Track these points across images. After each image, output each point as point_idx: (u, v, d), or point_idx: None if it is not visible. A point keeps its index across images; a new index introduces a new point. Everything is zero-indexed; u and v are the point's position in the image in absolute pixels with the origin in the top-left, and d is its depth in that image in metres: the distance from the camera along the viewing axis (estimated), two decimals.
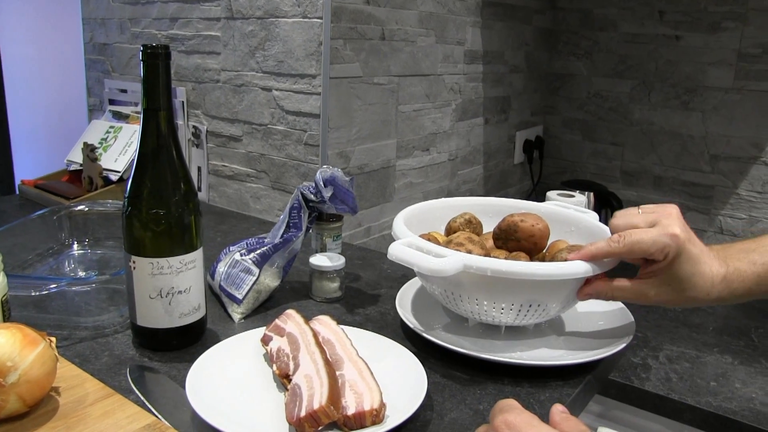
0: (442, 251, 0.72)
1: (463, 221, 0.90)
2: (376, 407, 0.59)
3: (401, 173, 1.56)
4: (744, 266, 0.71)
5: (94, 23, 1.76)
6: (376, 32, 1.38)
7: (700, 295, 0.70)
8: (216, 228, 1.33)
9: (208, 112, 1.51)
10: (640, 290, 0.72)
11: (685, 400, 0.96)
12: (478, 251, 0.77)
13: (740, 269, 0.71)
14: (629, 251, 0.70)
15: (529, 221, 0.84)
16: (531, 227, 0.83)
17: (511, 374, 0.75)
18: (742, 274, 0.71)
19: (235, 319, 0.87)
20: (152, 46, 0.70)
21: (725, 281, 0.70)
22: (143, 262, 0.72)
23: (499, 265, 0.70)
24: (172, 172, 0.73)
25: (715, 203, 1.93)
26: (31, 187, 1.49)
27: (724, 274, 0.70)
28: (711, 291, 0.70)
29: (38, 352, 0.60)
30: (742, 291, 0.71)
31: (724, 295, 0.71)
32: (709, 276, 0.70)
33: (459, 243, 0.79)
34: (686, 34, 1.89)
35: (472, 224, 0.90)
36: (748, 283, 0.71)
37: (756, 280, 0.71)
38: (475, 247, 0.78)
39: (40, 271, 0.99)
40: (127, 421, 0.61)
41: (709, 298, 0.71)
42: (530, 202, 0.99)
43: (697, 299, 0.71)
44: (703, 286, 0.70)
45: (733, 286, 0.70)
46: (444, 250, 0.72)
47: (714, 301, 0.71)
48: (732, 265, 0.71)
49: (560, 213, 0.95)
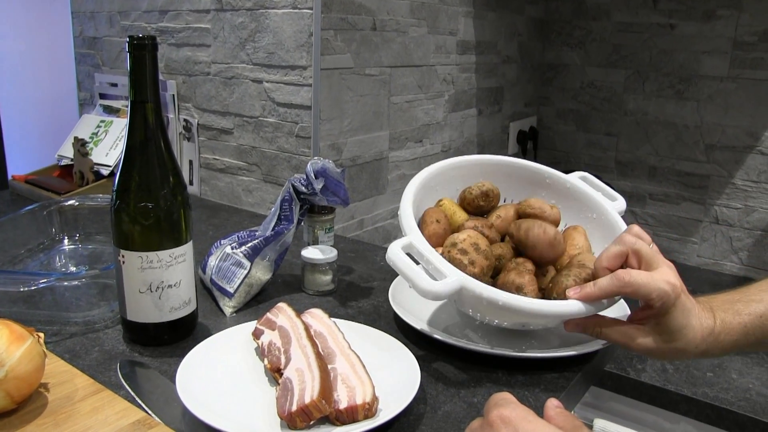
0: (441, 266, 0.68)
1: (479, 193, 0.85)
2: (369, 401, 0.59)
3: (394, 165, 1.55)
4: (729, 317, 0.70)
5: (84, 17, 1.74)
6: (367, 23, 1.36)
7: (688, 347, 0.69)
8: (208, 221, 1.32)
9: (198, 105, 1.49)
10: (628, 334, 0.71)
11: (681, 391, 0.96)
12: (481, 262, 0.73)
13: (726, 321, 0.69)
14: (634, 293, 0.68)
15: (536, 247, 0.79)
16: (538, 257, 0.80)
17: (505, 367, 0.74)
18: (728, 325, 0.69)
19: (226, 313, 0.86)
20: (139, 37, 0.69)
21: (713, 335, 0.69)
22: (132, 256, 0.71)
23: (496, 297, 0.67)
24: (161, 164, 0.72)
25: (710, 193, 1.93)
26: (22, 183, 1.48)
27: (712, 328, 0.69)
28: (699, 344, 0.69)
29: (26, 348, 0.59)
30: (728, 344, 0.70)
31: (711, 349, 0.69)
32: (699, 329, 0.68)
33: (463, 250, 0.74)
34: (680, 22, 1.89)
35: (489, 198, 0.85)
36: (734, 335, 0.70)
37: (742, 331, 0.70)
38: (479, 257, 0.74)
39: (30, 266, 0.98)
40: (117, 417, 0.60)
41: (696, 351, 0.69)
42: (554, 171, 0.91)
43: (684, 351, 0.69)
44: (692, 339, 0.68)
45: (720, 338, 0.69)
46: (443, 265, 0.68)
47: (700, 354, 0.70)
48: (719, 317, 0.70)
49: (586, 194, 0.88)
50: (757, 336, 0.70)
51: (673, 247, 2.00)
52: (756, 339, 0.70)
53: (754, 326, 0.70)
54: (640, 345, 0.70)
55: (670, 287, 0.66)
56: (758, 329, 0.69)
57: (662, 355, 0.71)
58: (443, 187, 0.89)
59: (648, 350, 0.70)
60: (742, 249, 1.89)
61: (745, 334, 0.69)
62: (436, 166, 0.88)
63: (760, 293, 0.72)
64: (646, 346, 0.70)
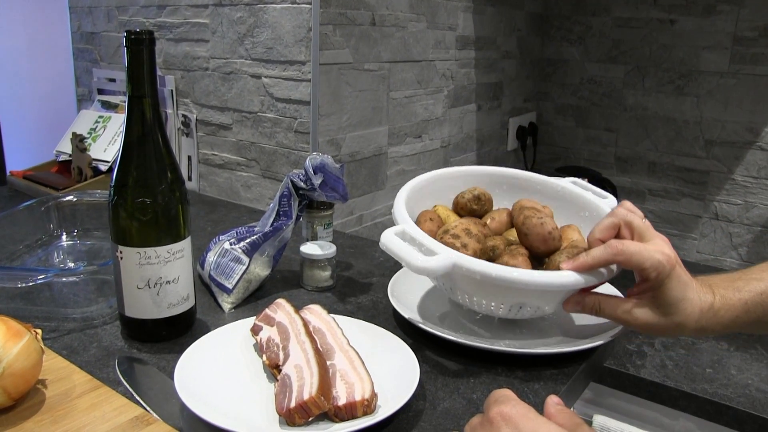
0: (434, 246, 0.69)
1: (471, 197, 0.86)
2: (368, 397, 0.59)
3: (393, 160, 1.55)
4: (730, 294, 0.70)
5: (81, 12, 1.73)
6: (366, 18, 1.36)
7: (687, 321, 0.68)
8: (206, 217, 1.31)
9: (197, 101, 1.49)
10: (626, 309, 0.70)
11: (681, 387, 0.96)
12: (474, 246, 0.75)
13: (726, 296, 0.69)
14: (627, 261, 0.68)
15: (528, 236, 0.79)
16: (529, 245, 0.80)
17: (505, 363, 0.74)
18: (728, 301, 0.69)
19: (225, 309, 0.86)
20: (136, 31, 0.69)
21: (712, 309, 0.69)
22: (130, 252, 0.71)
23: (489, 270, 0.68)
24: (158, 160, 0.72)
25: (710, 189, 1.93)
26: (20, 178, 1.48)
27: (712, 302, 0.69)
28: (699, 319, 0.68)
29: (23, 345, 0.59)
30: (728, 320, 0.69)
31: (711, 325, 0.69)
32: (697, 303, 0.68)
33: (455, 235, 0.76)
34: (680, 17, 1.88)
35: (481, 201, 0.86)
36: (734, 311, 0.69)
37: (743, 307, 0.69)
38: (471, 241, 0.75)
39: (28, 262, 0.98)
40: (115, 413, 0.60)
41: (696, 326, 0.69)
42: (546, 177, 0.93)
43: (683, 326, 0.69)
44: (691, 313, 0.68)
45: (720, 314, 0.69)
46: (436, 245, 0.69)
47: (699, 330, 0.70)
48: (718, 293, 0.70)
49: (577, 195, 0.90)
50: (758, 314, 0.70)
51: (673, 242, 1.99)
52: (756, 317, 0.70)
53: (755, 303, 0.69)
54: (639, 320, 0.70)
55: (664, 257, 0.67)
56: (759, 306, 0.69)
57: (661, 331, 0.70)
58: (435, 197, 0.90)
59: (647, 325, 0.70)
60: (742, 245, 1.89)
61: (746, 311, 0.69)
62: (427, 174, 0.90)
63: (760, 272, 0.72)
64: (645, 320, 0.70)
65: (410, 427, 0.62)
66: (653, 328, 0.70)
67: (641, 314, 0.69)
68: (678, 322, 0.68)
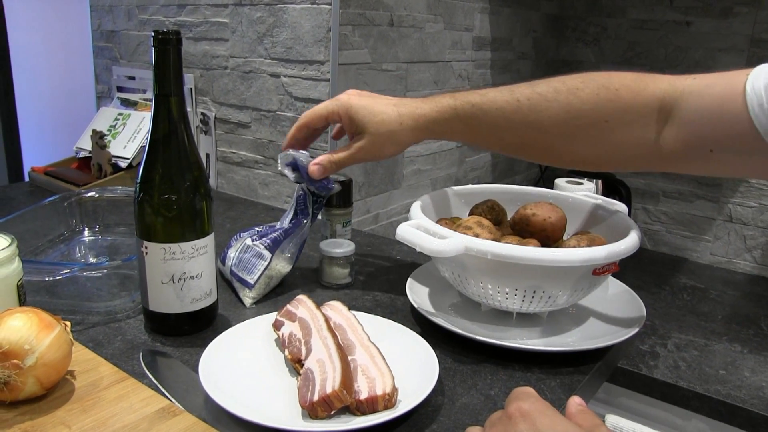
0: (446, 233, 0.73)
1: (486, 208, 0.90)
2: (389, 392, 0.60)
3: (409, 160, 1.56)
4: (438, 100, 0.80)
5: (102, 10, 1.75)
6: (384, 18, 1.37)
7: (394, 127, 0.80)
8: (224, 214, 1.33)
9: (216, 99, 1.51)
10: (351, 151, 0.83)
11: (694, 388, 0.96)
12: (486, 235, 0.77)
13: (436, 101, 0.81)
14: (310, 121, 0.86)
15: (541, 215, 0.83)
16: (542, 221, 0.82)
17: (521, 360, 0.75)
18: (438, 103, 0.80)
19: (246, 304, 0.87)
20: (163, 31, 0.70)
21: (407, 115, 0.80)
22: (155, 248, 0.73)
23: (499, 249, 0.70)
24: (184, 157, 0.73)
25: (724, 191, 1.92)
26: (41, 174, 1.50)
27: (399, 111, 0.80)
28: (402, 122, 0.80)
29: (54, 336, 0.60)
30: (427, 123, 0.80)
31: (419, 126, 0.80)
32: (388, 112, 0.80)
33: (467, 227, 0.79)
34: (697, 19, 1.88)
35: (495, 211, 0.90)
36: (431, 114, 0.80)
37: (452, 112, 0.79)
38: (483, 231, 0.78)
39: (51, 257, 1.00)
40: (142, 404, 0.61)
41: (405, 129, 0.80)
42: (556, 192, 0.98)
43: (395, 134, 0.81)
44: (389, 121, 0.80)
45: (417, 114, 0.80)
46: (448, 232, 0.73)
47: (410, 134, 0.81)
48: (424, 102, 0.81)
49: (586, 203, 0.93)
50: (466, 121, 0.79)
51: (686, 244, 2.00)
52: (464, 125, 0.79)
53: (464, 109, 0.79)
54: (364, 151, 0.82)
55: (334, 101, 0.84)
56: (467, 112, 0.78)
57: (384, 152, 0.83)
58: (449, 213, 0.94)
59: (372, 152, 0.83)
60: (756, 247, 1.89)
61: (455, 116, 0.79)
62: (441, 191, 0.96)
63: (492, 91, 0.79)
64: (368, 149, 0.82)
65: (430, 421, 0.63)
66: (377, 153, 0.83)
67: (360, 147, 0.82)
68: (384, 132, 0.81)
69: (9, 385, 0.57)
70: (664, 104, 0.70)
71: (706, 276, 1.72)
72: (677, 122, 0.69)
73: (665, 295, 1.46)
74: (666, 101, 0.70)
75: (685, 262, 1.90)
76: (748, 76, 0.62)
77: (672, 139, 0.69)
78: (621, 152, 0.75)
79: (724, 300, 1.45)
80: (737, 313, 1.34)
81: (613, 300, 0.88)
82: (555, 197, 0.94)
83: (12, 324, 0.59)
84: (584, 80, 0.74)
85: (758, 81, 0.61)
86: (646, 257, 1.90)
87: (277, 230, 0.90)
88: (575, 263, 0.71)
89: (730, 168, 0.71)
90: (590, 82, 0.73)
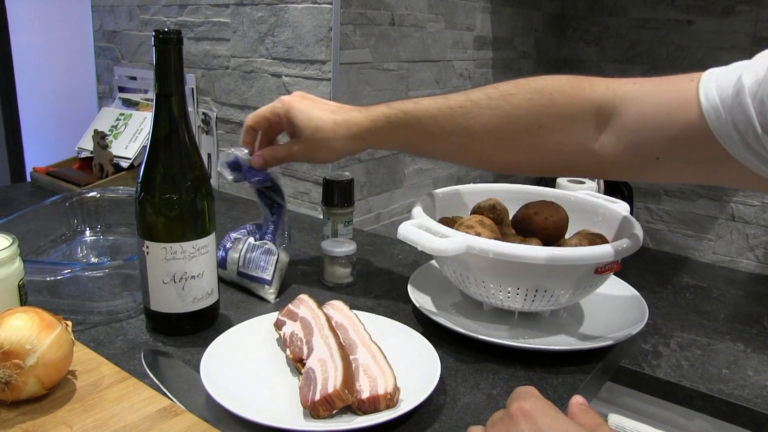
0: (448, 232, 0.73)
1: (487, 206, 0.90)
2: (390, 391, 0.60)
3: (411, 159, 1.56)
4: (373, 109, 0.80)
5: (103, 10, 1.76)
6: (385, 18, 1.37)
7: (328, 134, 0.80)
8: (226, 214, 1.33)
9: (217, 99, 1.51)
10: (288, 149, 0.85)
11: (697, 387, 0.96)
12: (487, 234, 0.77)
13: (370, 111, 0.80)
14: (254, 123, 0.86)
15: (543, 214, 0.83)
16: (544, 221, 0.83)
17: (523, 359, 0.75)
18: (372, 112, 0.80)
19: (270, 300, 0.89)
20: (164, 30, 0.70)
21: (341, 123, 0.80)
22: (156, 247, 0.72)
23: (501, 248, 0.70)
24: (185, 156, 0.73)
25: (726, 190, 1.92)
26: (43, 175, 1.50)
27: (334, 119, 0.80)
28: (336, 130, 0.80)
29: (55, 336, 0.60)
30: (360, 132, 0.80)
31: (353, 135, 0.80)
32: (323, 119, 0.80)
33: (469, 226, 0.79)
34: (698, 18, 1.88)
35: (497, 210, 0.90)
36: (365, 123, 0.80)
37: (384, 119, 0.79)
38: (485, 230, 0.78)
39: (53, 256, 1.00)
40: (143, 404, 0.61)
41: (339, 138, 0.81)
42: (558, 191, 0.97)
43: (328, 140, 0.81)
44: (323, 127, 0.80)
45: (350, 123, 0.80)
46: (450, 231, 0.73)
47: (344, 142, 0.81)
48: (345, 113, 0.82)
49: (588, 202, 0.93)
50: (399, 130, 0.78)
51: (689, 243, 2.00)
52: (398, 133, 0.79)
53: (397, 117, 0.78)
54: (299, 151, 0.84)
55: (277, 101, 0.85)
56: (400, 121, 0.78)
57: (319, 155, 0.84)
58: (450, 212, 0.94)
59: (307, 154, 0.84)
60: (759, 246, 1.88)
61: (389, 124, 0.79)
62: (443, 189, 0.95)
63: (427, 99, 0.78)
64: (304, 150, 0.83)
65: (431, 421, 0.63)
66: (312, 155, 0.84)
67: (297, 148, 0.84)
68: (321, 138, 0.81)
69: (10, 385, 0.57)
70: (602, 110, 0.67)
71: (708, 275, 1.72)
72: (617, 129, 0.66)
73: (668, 295, 1.46)
74: (604, 107, 0.67)
75: (687, 261, 1.89)
76: (699, 83, 0.59)
77: (611, 146, 0.67)
78: (558, 159, 0.72)
79: (726, 299, 1.45)
80: (740, 312, 1.34)
81: (616, 299, 0.88)
82: (557, 196, 0.94)
83: (13, 324, 0.59)
84: (517, 85, 0.72)
85: (710, 91, 0.58)
86: (649, 256, 1.90)
87: (270, 225, 0.93)
88: (577, 262, 0.71)
89: (678, 175, 0.68)
90: (523, 87, 0.71)
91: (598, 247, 0.72)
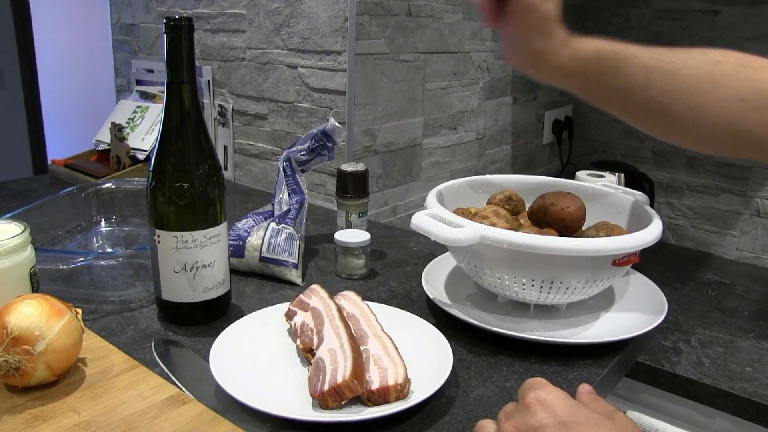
0: (462, 222, 0.71)
1: (503, 197, 0.88)
2: (401, 382, 0.59)
3: (428, 152, 1.54)
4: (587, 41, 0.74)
5: (121, 4, 1.76)
6: (402, 8, 1.36)
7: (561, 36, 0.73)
8: (242, 206, 1.33)
9: (233, 91, 1.50)
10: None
11: (718, 385, 0.94)
12: (502, 225, 0.76)
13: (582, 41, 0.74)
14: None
15: (560, 204, 0.81)
16: (561, 211, 0.81)
17: (538, 352, 0.73)
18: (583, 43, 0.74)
19: (298, 283, 0.91)
20: (175, 18, 0.69)
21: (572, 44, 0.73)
22: (167, 236, 0.72)
23: (516, 238, 0.69)
24: (196, 145, 0.73)
25: (751, 185, 1.88)
26: (61, 167, 1.51)
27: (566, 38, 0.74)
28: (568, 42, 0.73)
29: (64, 323, 0.60)
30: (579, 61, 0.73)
31: (566, 60, 0.73)
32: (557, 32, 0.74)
33: (484, 216, 0.78)
34: (724, 8, 1.83)
35: (513, 201, 0.88)
36: (588, 52, 0.73)
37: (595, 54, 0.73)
38: (500, 221, 0.77)
39: (69, 247, 1.00)
40: (151, 392, 0.61)
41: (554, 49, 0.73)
42: (575, 182, 0.95)
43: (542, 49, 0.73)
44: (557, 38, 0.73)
45: (574, 49, 0.73)
46: (464, 221, 0.71)
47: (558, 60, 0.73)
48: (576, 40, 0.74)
49: (606, 193, 0.91)
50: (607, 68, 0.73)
51: (712, 239, 1.96)
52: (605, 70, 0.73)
53: (608, 56, 0.73)
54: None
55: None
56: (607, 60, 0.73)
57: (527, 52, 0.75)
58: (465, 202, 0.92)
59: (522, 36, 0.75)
60: None
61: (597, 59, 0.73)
62: (458, 180, 0.93)
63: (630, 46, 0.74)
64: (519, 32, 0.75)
65: (443, 413, 0.61)
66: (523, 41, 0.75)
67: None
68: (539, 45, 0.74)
69: (20, 371, 0.57)
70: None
71: (731, 271, 1.68)
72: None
73: (689, 291, 1.43)
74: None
75: (710, 258, 1.86)
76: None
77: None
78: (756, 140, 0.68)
79: (750, 296, 1.41)
80: (764, 309, 1.31)
81: (635, 294, 0.86)
82: (574, 187, 0.92)
83: (23, 310, 0.59)
84: (724, 55, 0.69)
85: None
86: (670, 252, 1.86)
87: (291, 210, 0.94)
88: (594, 253, 0.69)
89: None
90: (730, 57, 0.69)
91: (616, 239, 0.70)
